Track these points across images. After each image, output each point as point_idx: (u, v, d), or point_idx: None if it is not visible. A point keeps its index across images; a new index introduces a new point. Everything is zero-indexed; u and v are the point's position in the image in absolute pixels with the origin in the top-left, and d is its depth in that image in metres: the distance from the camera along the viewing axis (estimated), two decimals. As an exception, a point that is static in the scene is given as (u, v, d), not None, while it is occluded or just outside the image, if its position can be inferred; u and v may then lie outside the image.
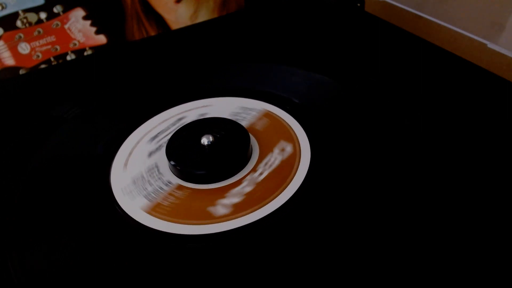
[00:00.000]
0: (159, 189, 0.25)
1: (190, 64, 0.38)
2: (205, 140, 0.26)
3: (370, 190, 0.24)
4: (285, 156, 0.27)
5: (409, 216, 0.22)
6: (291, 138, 0.28)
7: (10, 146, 0.30)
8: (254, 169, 0.26)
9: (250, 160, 0.27)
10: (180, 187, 0.25)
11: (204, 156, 0.26)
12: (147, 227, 0.23)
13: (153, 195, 0.25)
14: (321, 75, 0.33)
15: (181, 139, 0.28)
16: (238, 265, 0.21)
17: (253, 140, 0.28)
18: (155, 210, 0.24)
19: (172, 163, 0.26)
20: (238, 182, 0.25)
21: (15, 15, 0.44)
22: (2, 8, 0.43)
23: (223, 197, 0.24)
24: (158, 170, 0.27)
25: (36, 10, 0.45)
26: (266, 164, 0.26)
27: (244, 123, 0.29)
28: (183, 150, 0.27)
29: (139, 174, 0.27)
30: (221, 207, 0.24)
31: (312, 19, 0.44)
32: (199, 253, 0.22)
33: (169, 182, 0.26)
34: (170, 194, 0.25)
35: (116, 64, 0.40)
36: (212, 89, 0.34)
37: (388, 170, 0.25)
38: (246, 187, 0.25)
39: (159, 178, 0.26)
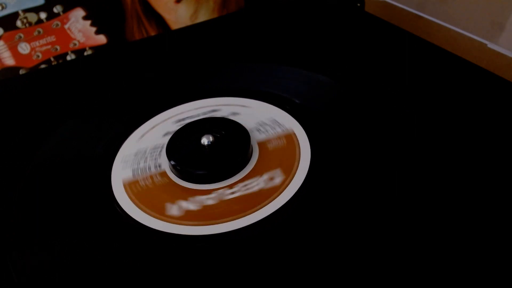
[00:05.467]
0: (147, 168, 0.26)
1: (190, 64, 0.38)
2: (205, 140, 0.26)
3: (371, 192, 0.24)
4: (268, 186, 0.25)
5: (409, 217, 0.22)
6: (289, 170, 0.26)
7: (10, 146, 0.30)
8: (230, 186, 0.25)
9: (250, 161, 0.27)
10: (163, 174, 0.26)
11: (204, 156, 0.26)
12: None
13: (139, 172, 0.25)
14: (321, 75, 0.33)
15: (181, 139, 0.28)
16: (239, 266, 0.21)
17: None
18: (130, 187, 0.25)
19: (172, 163, 0.26)
20: (208, 191, 0.24)
21: (15, 15, 0.44)
22: (2, 8, 0.43)
23: (185, 199, 0.24)
24: (160, 151, 0.27)
25: (36, 10, 0.45)
26: (245, 185, 0.25)
27: (260, 137, 0.28)
28: (183, 150, 0.27)
29: (144, 148, 0.27)
30: (177, 208, 0.24)
31: (312, 19, 0.44)
32: (198, 254, 0.22)
33: (159, 166, 0.26)
34: (151, 176, 0.25)
35: (116, 64, 0.40)
36: (212, 89, 0.34)
37: (389, 171, 0.25)
38: (209, 200, 0.24)
39: (155, 159, 0.26)
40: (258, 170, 0.26)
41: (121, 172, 0.25)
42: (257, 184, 0.25)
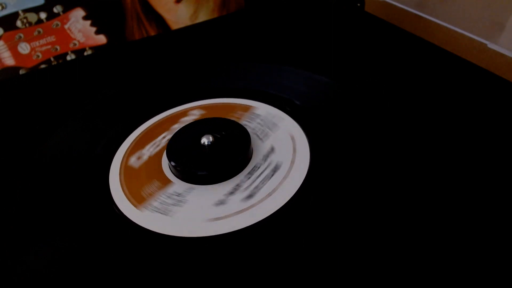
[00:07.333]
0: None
1: (190, 64, 0.38)
2: (205, 140, 0.26)
3: (370, 192, 0.24)
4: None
5: (408, 217, 0.22)
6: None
7: (10, 146, 0.30)
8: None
9: (251, 159, 0.27)
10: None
11: (204, 156, 0.26)
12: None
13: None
14: (321, 75, 0.33)
15: (181, 139, 0.28)
16: (239, 266, 0.21)
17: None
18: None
19: (172, 163, 0.26)
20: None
21: (15, 15, 0.44)
22: (2, 8, 0.43)
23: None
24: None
25: (36, 10, 0.45)
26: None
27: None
28: (183, 150, 0.27)
29: None
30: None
31: (312, 19, 0.44)
32: (198, 255, 0.22)
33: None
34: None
35: (116, 64, 0.40)
36: (212, 90, 0.34)
37: (388, 171, 0.25)
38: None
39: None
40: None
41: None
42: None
